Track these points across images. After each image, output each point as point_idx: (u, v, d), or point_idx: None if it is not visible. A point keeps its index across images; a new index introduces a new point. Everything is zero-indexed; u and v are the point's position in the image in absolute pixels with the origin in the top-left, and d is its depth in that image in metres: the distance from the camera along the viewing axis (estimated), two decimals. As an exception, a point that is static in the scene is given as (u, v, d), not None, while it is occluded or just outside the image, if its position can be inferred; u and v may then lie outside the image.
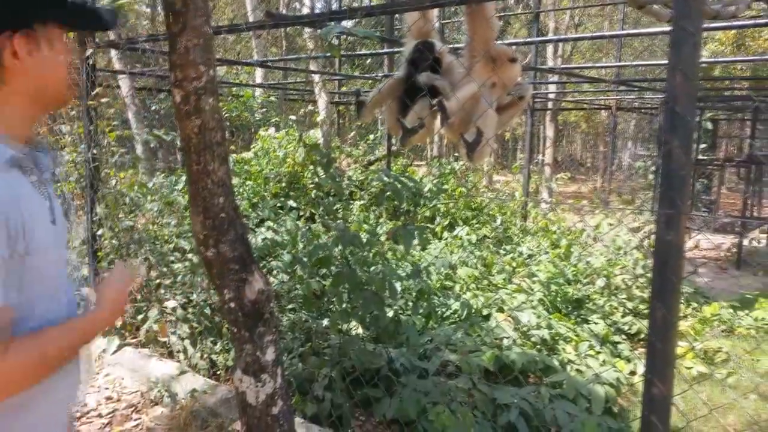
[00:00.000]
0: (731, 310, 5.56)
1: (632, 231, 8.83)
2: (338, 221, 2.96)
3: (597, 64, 12.51)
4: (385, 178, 3.25)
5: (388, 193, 3.88)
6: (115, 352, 4.51)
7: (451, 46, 3.36)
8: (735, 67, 13.48)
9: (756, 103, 8.86)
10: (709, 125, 13.10)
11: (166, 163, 9.73)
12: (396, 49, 4.79)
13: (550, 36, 14.36)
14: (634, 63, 9.23)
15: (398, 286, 4.10)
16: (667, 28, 5.72)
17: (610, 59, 20.01)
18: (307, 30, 7.78)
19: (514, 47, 3.26)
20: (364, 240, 3.03)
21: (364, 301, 3.08)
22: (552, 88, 14.75)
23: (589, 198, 17.18)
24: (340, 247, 3.14)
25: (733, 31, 13.82)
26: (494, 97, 2.53)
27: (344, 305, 3.15)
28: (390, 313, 3.62)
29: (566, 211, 8.95)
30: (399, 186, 3.06)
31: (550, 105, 14.91)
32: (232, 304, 2.43)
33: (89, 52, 4.59)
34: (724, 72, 14.47)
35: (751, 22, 4.31)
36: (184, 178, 6.74)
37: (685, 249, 2.12)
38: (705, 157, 11.93)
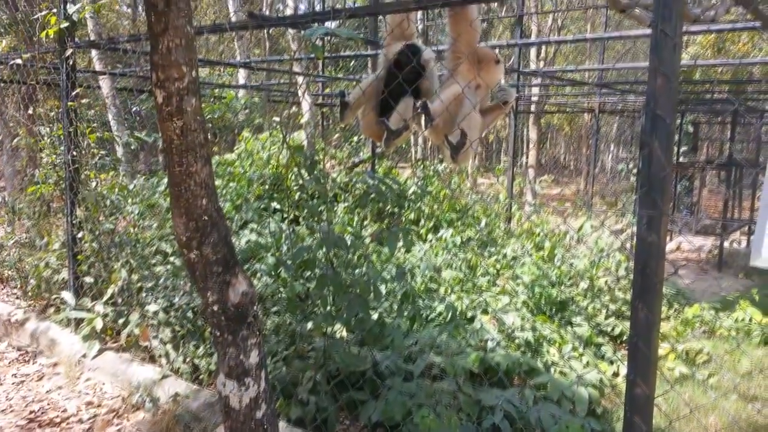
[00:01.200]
0: (712, 312, 5.63)
1: (615, 233, 8.92)
2: (322, 223, 2.94)
3: (580, 67, 12.61)
4: (369, 181, 3.23)
5: (372, 196, 3.86)
6: (96, 356, 4.45)
7: (435, 48, 3.35)
8: (715, 70, 13.66)
9: (736, 106, 8.99)
10: (690, 128, 13.28)
11: (147, 165, 9.63)
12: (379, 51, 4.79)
13: (533, 39, 14.46)
14: (616, 66, 9.32)
15: (383, 288, 4.10)
16: (648, 31, 5.78)
17: (592, 62, 20.18)
18: (291, 31, 7.75)
19: (497, 49, 3.27)
20: (349, 242, 3.02)
21: (349, 304, 3.06)
22: (535, 90, 14.86)
23: (572, 200, 17.31)
24: (324, 249, 3.12)
25: (713, 35, 14.00)
26: (478, 98, 2.54)
27: (328, 308, 3.13)
28: (375, 316, 3.61)
29: (550, 213, 9.00)
30: (383, 188, 3.06)
31: (533, 107, 15.01)
32: (215, 307, 2.40)
33: (69, 52, 4.53)
34: (705, 75, 14.67)
35: (730, 26, 4.36)
36: (165, 180, 6.67)
37: (666, 250, 2.14)
38: (686, 160, 12.09)
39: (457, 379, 3.50)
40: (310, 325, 3.90)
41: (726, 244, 9.40)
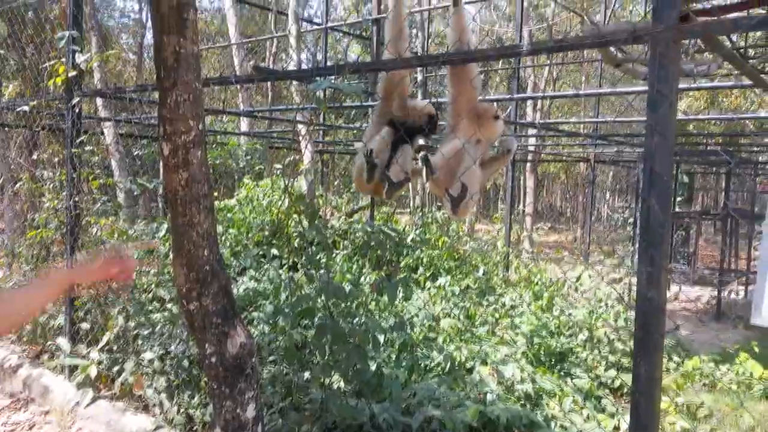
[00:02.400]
0: (712, 364, 5.57)
1: (613, 282, 8.91)
2: (321, 272, 2.95)
3: (576, 120, 12.86)
4: (369, 230, 3.26)
5: (372, 245, 3.88)
6: (89, 405, 4.37)
7: (434, 100, 3.43)
8: (709, 122, 13.92)
9: (732, 163, 9.12)
10: (685, 178, 13.43)
11: (147, 211, 9.67)
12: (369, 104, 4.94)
13: (530, 90, 14.75)
14: (612, 119, 9.50)
15: (381, 337, 4.06)
16: (641, 88, 5.92)
17: (587, 112, 20.53)
18: (294, 82, 7.93)
19: (495, 103, 3.35)
20: (348, 291, 3.02)
21: (347, 354, 3.04)
22: (532, 140, 15.07)
23: (569, 248, 17.32)
24: (323, 298, 3.12)
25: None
26: (479, 153, 2.59)
27: (326, 358, 3.11)
28: (373, 366, 3.57)
29: (548, 261, 9.01)
30: (383, 237, 3.08)
31: (530, 156, 15.19)
32: (213, 359, 2.39)
33: (76, 100, 4.61)
34: (699, 127, 14.93)
35: (726, 84, 4.48)
36: (165, 225, 6.69)
37: (665, 305, 2.15)
38: (682, 210, 12.17)
39: (456, 432, 3.44)
40: (307, 375, 3.85)
41: (723, 294, 9.38)
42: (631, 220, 12.61)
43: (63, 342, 4.73)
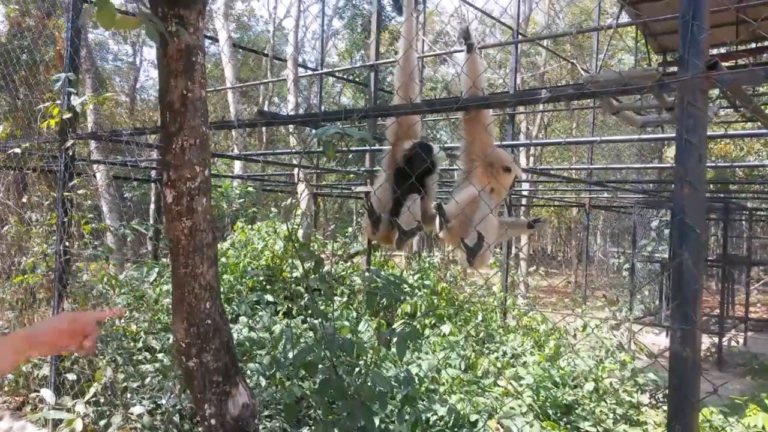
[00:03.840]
0: (722, 416, 5.39)
1: (612, 328, 8.75)
2: (327, 324, 2.81)
3: (572, 166, 12.94)
4: (377, 278, 3.13)
5: (377, 294, 3.74)
6: (72, 463, 4.12)
7: (445, 145, 3.36)
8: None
9: (727, 206, 9.12)
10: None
11: (136, 255, 9.46)
12: (380, 147, 4.86)
13: (522, 138, 14.85)
14: (618, 166, 9.56)
15: (388, 393, 3.88)
16: (651, 136, 5.88)
17: (580, 158, 20.71)
18: (291, 127, 7.89)
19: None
20: (355, 344, 2.87)
21: (352, 412, 2.86)
22: (525, 185, 15.09)
23: (563, 293, 17.18)
24: (326, 351, 2.96)
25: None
26: (493, 202, 2.49)
27: (329, 416, 2.93)
28: (377, 422, 3.39)
29: (547, 309, 8.86)
30: (390, 286, 2.95)
31: (524, 201, 15.19)
32: (213, 421, 2.22)
33: (70, 143, 4.51)
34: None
35: (755, 131, 4.46)
36: (155, 269, 6.51)
37: (701, 364, 2.02)
38: (677, 256, 12.11)
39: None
40: (305, 430, 3.65)
41: (724, 342, 9.24)
42: (626, 265, 12.52)
43: (47, 394, 4.49)
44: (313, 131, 2.74)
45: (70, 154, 4.53)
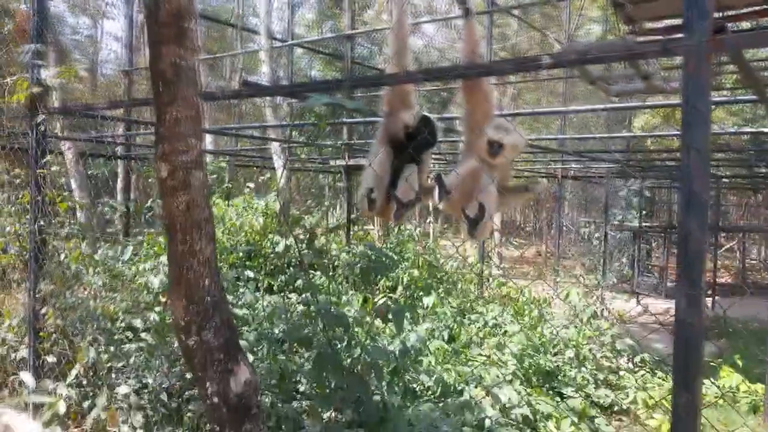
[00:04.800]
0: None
1: (585, 295, 8.92)
2: (321, 297, 2.77)
3: (546, 137, 13.01)
4: (370, 253, 3.10)
5: (359, 266, 3.71)
6: (57, 445, 4.04)
7: (441, 115, 3.31)
8: (669, 138, 14.25)
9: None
10: (647, 193, 13.70)
11: (104, 234, 9.23)
12: (369, 119, 4.79)
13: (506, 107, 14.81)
14: (592, 136, 9.62)
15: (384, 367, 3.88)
16: (653, 104, 5.92)
17: (550, 129, 20.87)
18: (268, 99, 7.73)
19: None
20: (351, 319, 2.84)
21: (349, 386, 2.86)
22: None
23: (535, 263, 17.45)
24: (321, 326, 2.93)
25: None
26: (494, 175, 2.45)
27: (328, 390, 2.91)
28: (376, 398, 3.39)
29: (524, 277, 8.98)
30: (384, 261, 2.92)
31: (496, 172, 15.24)
32: (216, 399, 2.18)
33: (41, 117, 4.32)
34: (659, 144, 15.30)
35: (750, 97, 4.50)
36: (129, 248, 6.34)
37: (704, 330, 2.04)
38: (647, 224, 12.39)
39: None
40: (296, 405, 3.63)
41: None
42: (597, 234, 12.75)
43: (27, 377, 4.37)
44: (301, 103, 2.65)
45: (42, 129, 4.34)
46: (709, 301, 10.71)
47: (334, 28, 20.29)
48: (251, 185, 7.48)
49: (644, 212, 13.40)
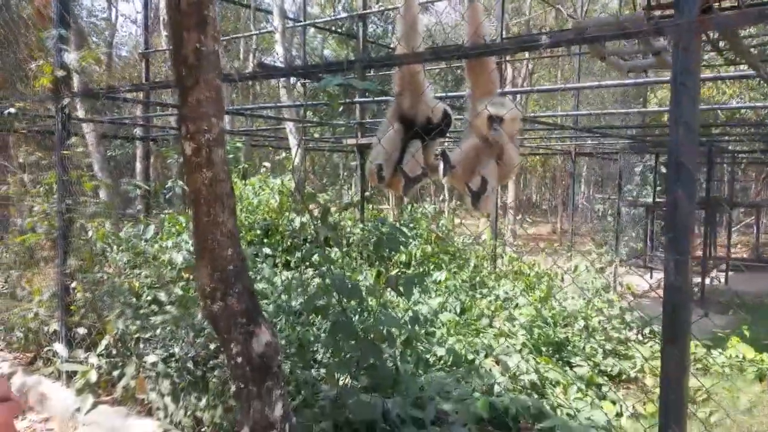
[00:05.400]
0: (704, 349, 5.70)
1: (599, 271, 9.03)
2: (337, 271, 2.95)
3: (560, 113, 13.01)
4: (383, 228, 3.26)
5: (373, 240, 3.86)
6: (90, 410, 4.29)
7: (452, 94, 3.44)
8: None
9: (709, 148, 9.31)
10: (663, 169, 13.66)
11: (127, 212, 9.48)
12: (381, 98, 4.93)
13: (509, 86, 14.83)
14: (604, 111, 9.65)
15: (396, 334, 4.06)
16: (642, 80, 5.99)
17: (564, 106, 20.75)
18: (282, 80, 7.86)
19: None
20: (363, 289, 3.01)
21: (363, 351, 3.04)
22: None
23: (549, 239, 17.52)
24: (336, 297, 3.11)
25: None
26: (493, 152, 2.58)
27: (342, 355, 3.10)
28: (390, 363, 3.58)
29: (537, 253, 9.10)
30: (396, 235, 3.08)
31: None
32: (239, 359, 2.36)
33: (66, 101, 4.51)
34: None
35: (741, 73, 4.56)
36: (151, 227, 6.56)
37: (692, 293, 2.18)
38: (662, 200, 12.37)
39: (468, 425, 3.47)
40: (313, 372, 3.83)
41: (706, 281, 9.59)
42: (611, 211, 12.79)
43: (60, 348, 4.63)
44: (315, 83, 2.80)
45: (67, 112, 4.53)
46: (722, 275, 10.78)
47: (348, 7, 20.28)
48: (267, 164, 7.66)
49: (659, 188, 13.42)
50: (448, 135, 2.78)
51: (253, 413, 2.35)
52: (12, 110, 4.79)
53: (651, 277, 10.64)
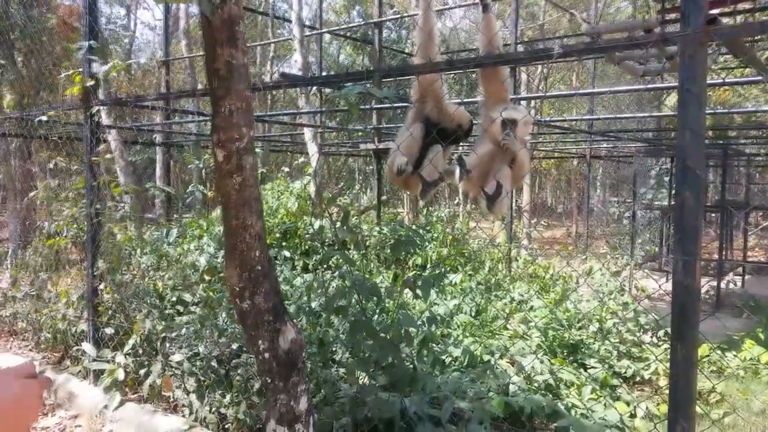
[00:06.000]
0: (719, 352, 5.73)
1: (614, 275, 9.07)
2: (356, 272, 3.08)
3: (576, 117, 13.05)
4: (400, 230, 3.38)
5: (390, 243, 3.97)
6: (117, 408, 4.45)
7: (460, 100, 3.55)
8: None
9: (726, 156, 9.31)
10: (678, 172, 13.61)
11: (150, 217, 9.69)
12: (396, 105, 5.05)
13: (523, 90, 14.89)
14: (619, 116, 9.69)
15: (413, 333, 4.18)
16: (652, 86, 6.04)
17: (579, 109, 20.74)
18: (298, 90, 8.01)
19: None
20: (383, 289, 3.13)
21: (382, 350, 3.15)
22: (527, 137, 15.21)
23: (564, 242, 17.51)
24: (356, 296, 3.22)
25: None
26: (507, 157, 2.69)
27: (362, 354, 3.22)
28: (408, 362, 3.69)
29: (552, 256, 9.16)
30: (415, 237, 3.20)
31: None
32: (267, 355, 2.49)
33: (95, 109, 4.69)
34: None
35: (754, 78, 4.63)
36: (174, 231, 6.75)
37: (700, 291, 2.27)
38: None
39: (484, 424, 3.56)
40: (333, 371, 3.96)
41: (722, 284, 9.57)
42: (627, 214, 12.79)
43: (88, 347, 4.80)
44: (335, 92, 2.94)
45: (96, 120, 4.71)
46: (739, 279, 10.74)
47: (362, 13, 20.48)
48: (286, 169, 7.81)
49: (674, 191, 13.38)
50: (457, 143, 2.91)
51: (280, 406, 2.48)
52: (44, 118, 4.97)
53: (667, 281, 10.63)
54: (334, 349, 4.29)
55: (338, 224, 3.15)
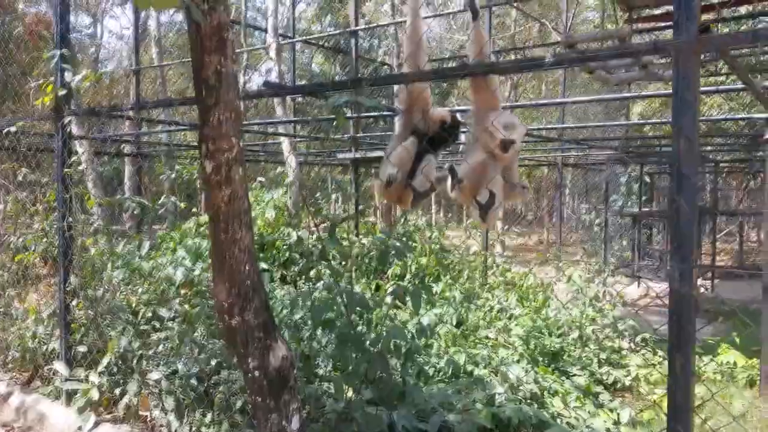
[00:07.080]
0: (695, 356, 5.81)
1: (587, 281, 9.15)
2: (342, 282, 3.02)
3: (547, 126, 13.22)
4: (389, 240, 3.33)
5: (372, 253, 3.93)
6: (92, 429, 4.28)
7: (455, 108, 3.53)
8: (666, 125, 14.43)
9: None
10: (647, 179, 13.91)
11: (121, 229, 9.45)
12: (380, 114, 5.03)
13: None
14: (590, 125, 9.83)
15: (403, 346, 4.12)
16: (644, 94, 6.11)
17: (548, 118, 21.04)
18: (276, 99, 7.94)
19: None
20: (371, 302, 3.07)
21: (371, 363, 3.09)
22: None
23: (538, 250, 17.68)
24: (343, 309, 3.16)
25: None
26: (499, 165, 2.68)
27: (350, 368, 3.15)
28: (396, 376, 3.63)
29: (526, 264, 9.21)
30: (401, 247, 3.15)
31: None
32: (257, 373, 2.41)
33: (67, 119, 4.54)
34: (655, 130, 15.51)
35: (739, 86, 4.72)
36: (146, 243, 6.57)
37: (697, 300, 2.27)
38: (647, 209, 12.61)
39: (473, 435, 3.52)
40: (317, 386, 3.87)
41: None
42: (597, 221, 12.97)
43: (61, 366, 4.61)
44: (322, 101, 2.88)
45: (68, 130, 4.56)
46: (708, 283, 10.96)
47: (333, 22, 20.48)
48: (262, 179, 7.70)
49: (644, 198, 13.64)
50: (448, 147, 2.87)
51: (271, 426, 2.40)
52: (13, 128, 4.80)
53: (638, 286, 10.79)
54: (317, 363, 4.21)
55: (324, 235, 3.09)
